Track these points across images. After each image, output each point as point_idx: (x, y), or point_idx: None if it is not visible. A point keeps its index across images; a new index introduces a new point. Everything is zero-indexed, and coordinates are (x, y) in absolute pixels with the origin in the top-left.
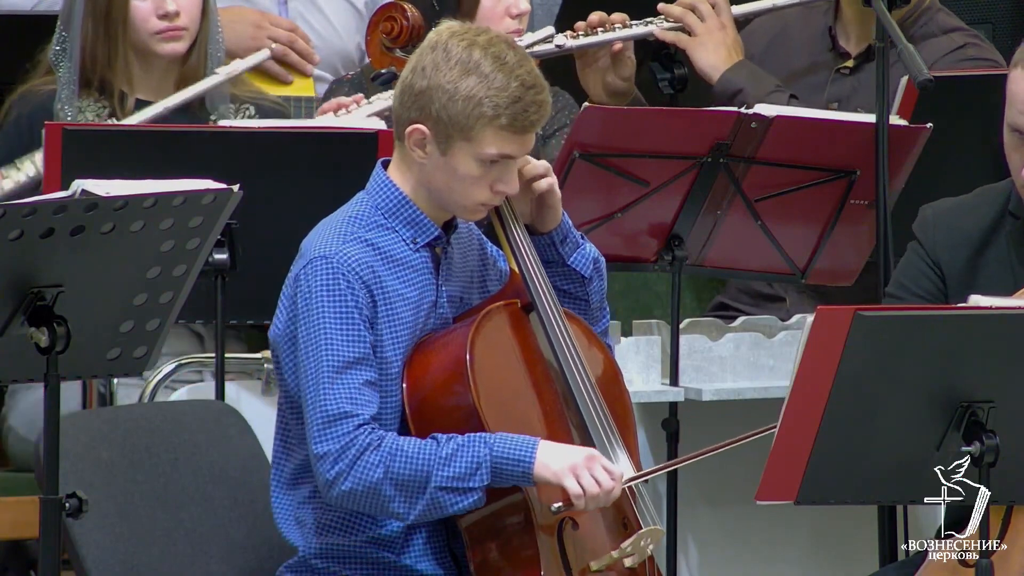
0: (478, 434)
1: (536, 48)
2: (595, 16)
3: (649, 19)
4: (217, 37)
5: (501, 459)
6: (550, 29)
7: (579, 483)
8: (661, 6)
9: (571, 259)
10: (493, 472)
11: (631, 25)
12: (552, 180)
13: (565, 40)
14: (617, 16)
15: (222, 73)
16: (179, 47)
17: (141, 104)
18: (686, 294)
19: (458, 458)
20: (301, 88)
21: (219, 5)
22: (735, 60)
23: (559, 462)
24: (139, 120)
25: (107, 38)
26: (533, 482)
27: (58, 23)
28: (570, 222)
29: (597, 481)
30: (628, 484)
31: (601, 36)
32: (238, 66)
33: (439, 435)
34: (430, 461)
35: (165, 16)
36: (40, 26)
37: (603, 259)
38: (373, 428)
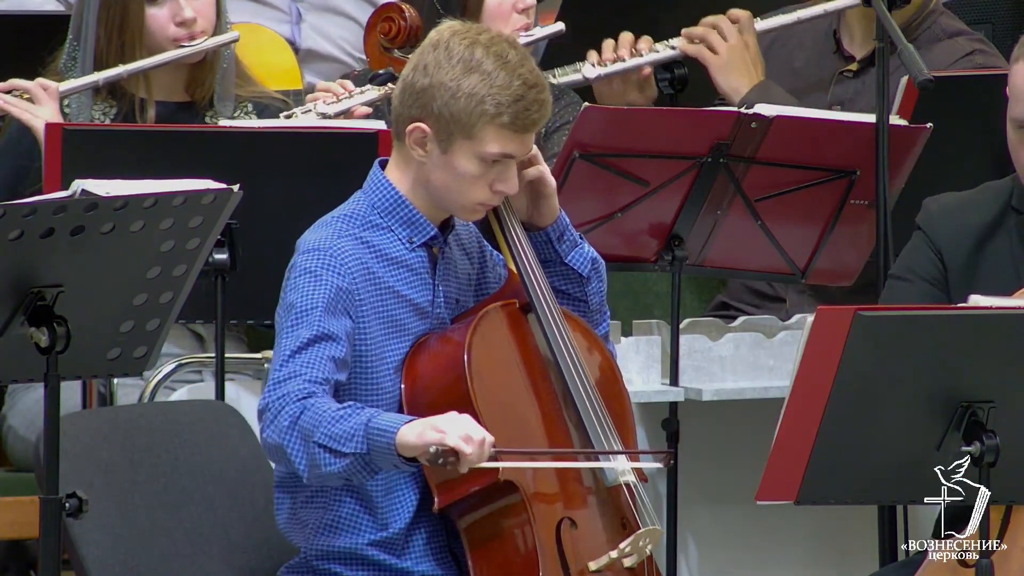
0: (376, 409)
1: (563, 79)
2: (624, 44)
3: (672, 42)
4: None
5: (374, 429)
6: (560, 26)
7: (442, 432)
8: (685, 30)
9: (568, 257)
10: (368, 442)
11: (657, 49)
12: (541, 168)
13: (593, 70)
14: (644, 43)
15: (187, 49)
16: (197, 52)
17: (160, 105)
18: (686, 294)
19: (344, 420)
20: (288, 81)
21: (233, 21)
22: (756, 80)
23: (421, 424)
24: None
25: (121, 48)
26: (397, 452)
27: (68, 33)
28: (568, 220)
29: (465, 428)
30: (497, 451)
31: (630, 62)
32: (206, 44)
33: (359, 405)
34: (325, 417)
35: (183, 23)
36: (45, 26)
37: (602, 261)
38: (309, 385)
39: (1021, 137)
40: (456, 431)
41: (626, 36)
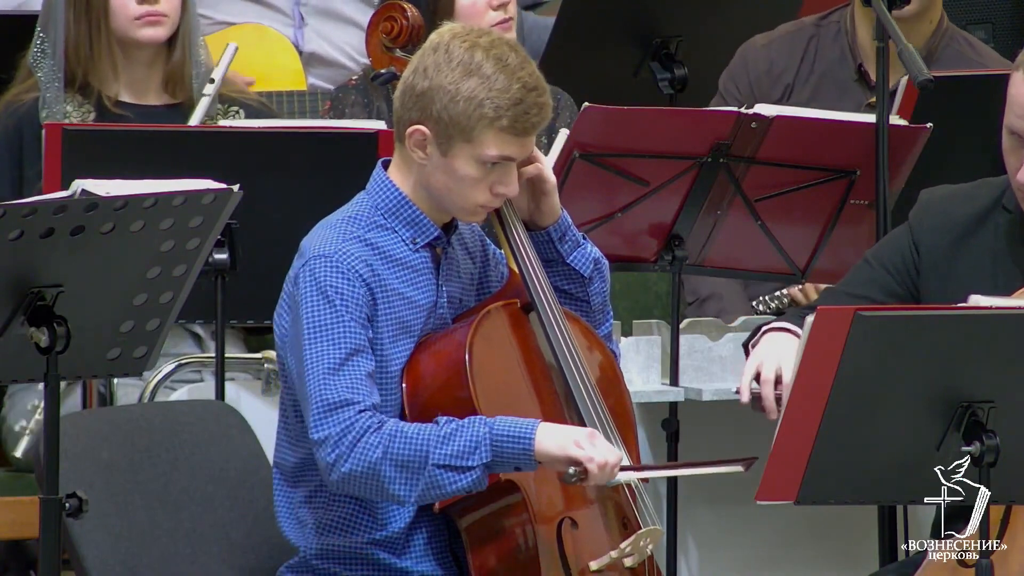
0: (479, 416)
1: None
2: None
3: None
4: (198, 33)
5: (501, 436)
6: None
7: (583, 449)
8: None
9: (570, 257)
10: (493, 451)
11: None
12: (540, 165)
13: None
14: None
15: (211, 90)
16: (159, 32)
17: (122, 106)
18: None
19: (457, 437)
20: (292, 82)
21: (236, 22)
22: None
23: (561, 435)
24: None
25: (88, 27)
26: (534, 459)
27: (37, 26)
28: (570, 220)
29: (603, 452)
30: (626, 470)
31: None
32: (219, 72)
33: (441, 418)
34: (429, 440)
35: (145, 1)
36: (21, 27)
37: (605, 261)
38: (374, 413)
39: (1014, 144)
40: (599, 456)
41: None
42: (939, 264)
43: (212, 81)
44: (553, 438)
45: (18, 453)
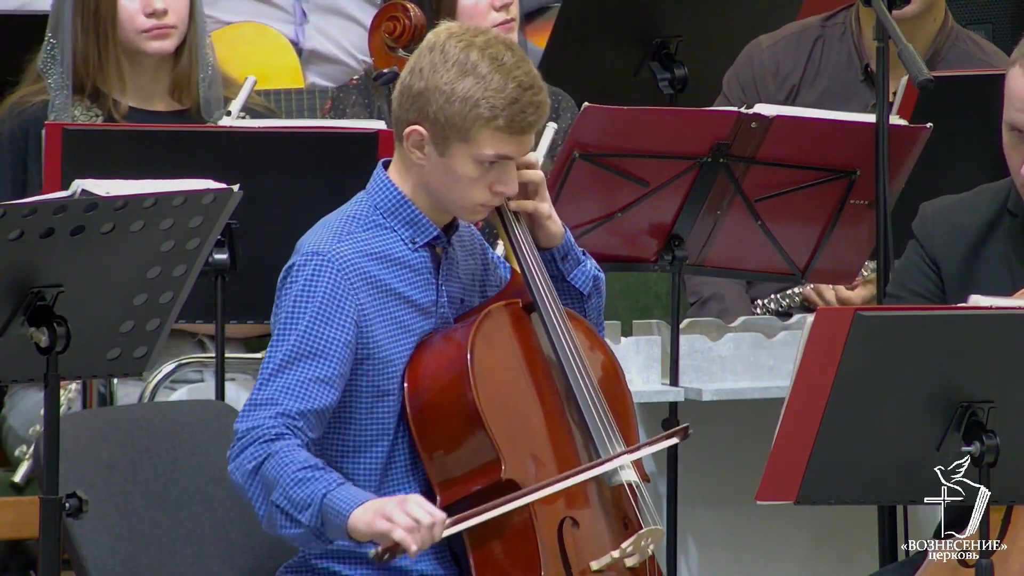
0: (337, 477)
1: None
2: None
3: None
4: (206, 42)
5: (329, 507)
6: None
7: (391, 521)
8: None
9: (571, 276)
10: (323, 517)
11: None
12: (536, 203)
13: None
14: None
15: (226, 122)
16: (167, 45)
17: (135, 112)
18: (686, 294)
19: (304, 486)
20: (290, 80)
21: (237, 20)
22: None
23: (371, 511)
24: None
25: (97, 38)
26: (350, 536)
27: (47, 31)
28: (572, 238)
29: (413, 516)
30: (451, 526)
31: None
32: (236, 106)
33: (322, 465)
34: (285, 475)
35: (153, 14)
36: (25, 27)
37: (603, 276)
38: (286, 422)
39: (1014, 141)
40: (403, 521)
41: None
42: (957, 275)
43: (229, 114)
44: (363, 516)
45: (17, 478)
